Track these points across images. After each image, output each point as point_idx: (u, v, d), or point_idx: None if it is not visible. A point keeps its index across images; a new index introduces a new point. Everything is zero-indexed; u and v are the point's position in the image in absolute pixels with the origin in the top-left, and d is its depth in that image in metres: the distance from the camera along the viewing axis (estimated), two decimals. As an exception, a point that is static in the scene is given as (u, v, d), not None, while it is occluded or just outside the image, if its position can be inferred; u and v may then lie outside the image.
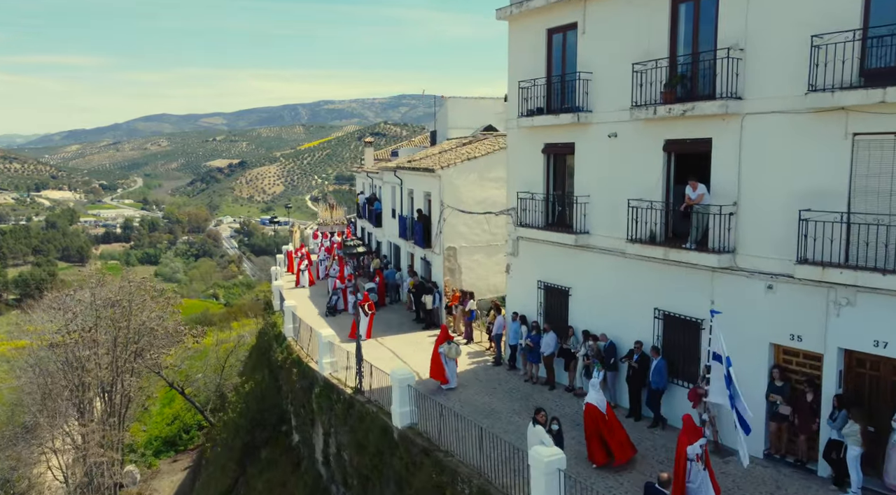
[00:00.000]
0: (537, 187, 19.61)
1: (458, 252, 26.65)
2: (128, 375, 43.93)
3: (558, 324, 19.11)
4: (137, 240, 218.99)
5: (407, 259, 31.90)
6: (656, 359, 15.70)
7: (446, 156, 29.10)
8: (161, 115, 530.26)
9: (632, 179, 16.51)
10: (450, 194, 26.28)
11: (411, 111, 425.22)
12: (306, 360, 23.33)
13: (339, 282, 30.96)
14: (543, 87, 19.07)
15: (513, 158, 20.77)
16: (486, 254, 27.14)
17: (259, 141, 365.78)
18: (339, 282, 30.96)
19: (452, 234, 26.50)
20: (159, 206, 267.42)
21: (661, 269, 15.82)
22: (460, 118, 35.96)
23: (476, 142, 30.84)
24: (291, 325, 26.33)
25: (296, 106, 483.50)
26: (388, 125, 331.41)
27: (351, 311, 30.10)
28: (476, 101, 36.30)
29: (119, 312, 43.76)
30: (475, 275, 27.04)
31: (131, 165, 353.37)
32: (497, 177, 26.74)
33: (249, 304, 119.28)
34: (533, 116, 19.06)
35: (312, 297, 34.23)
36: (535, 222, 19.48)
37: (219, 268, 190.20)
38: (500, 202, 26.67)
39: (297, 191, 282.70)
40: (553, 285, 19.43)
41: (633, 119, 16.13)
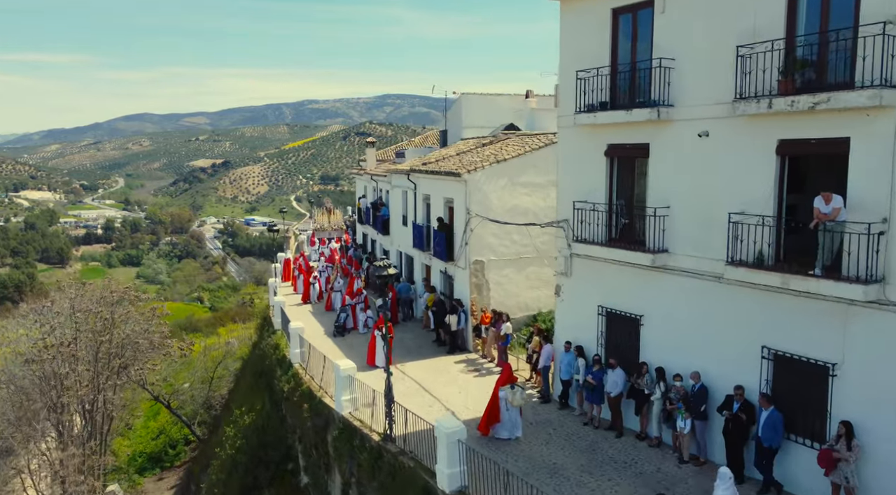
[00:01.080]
0: (597, 195, 16.54)
1: (485, 266, 23.54)
2: (110, 392, 40.56)
3: (625, 358, 16.07)
4: (119, 242, 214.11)
5: (421, 271, 28.73)
6: (767, 409, 12.67)
7: (469, 158, 25.98)
8: (143, 114, 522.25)
9: (729, 188, 13.49)
10: (477, 201, 23.17)
11: (396, 111, 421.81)
12: (319, 394, 20.10)
13: (347, 297, 27.75)
14: (607, 78, 16.01)
15: (566, 162, 17.68)
16: (517, 268, 24.07)
17: (243, 140, 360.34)
18: (347, 297, 27.75)
19: (480, 246, 23.39)
20: (141, 207, 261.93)
21: (773, 299, 12.80)
22: (475, 116, 32.86)
23: (498, 143, 27.76)
24: (299, 350, 23.09)
25: (279, 105, 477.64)
26: (373, 125, 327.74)
27: (361, 330, 26.93)
28: (492, 98, 33.20)
29: (101, 324, 40.50)
30: (504, 291, 23.95)
31: (112, 165, 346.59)
32: (528, 181, 23.74)
33: (236, 309, 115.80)
34: (595, 113, 15.99)
35: (316, 313, 30.97)
36: (595, 237, 16.41)
37: (203, 270, 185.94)
38: (531, 210, 23.68)
39: (282, 192, 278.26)
40: (619, 312, 16.36)
41: (733, 114, 13.09)
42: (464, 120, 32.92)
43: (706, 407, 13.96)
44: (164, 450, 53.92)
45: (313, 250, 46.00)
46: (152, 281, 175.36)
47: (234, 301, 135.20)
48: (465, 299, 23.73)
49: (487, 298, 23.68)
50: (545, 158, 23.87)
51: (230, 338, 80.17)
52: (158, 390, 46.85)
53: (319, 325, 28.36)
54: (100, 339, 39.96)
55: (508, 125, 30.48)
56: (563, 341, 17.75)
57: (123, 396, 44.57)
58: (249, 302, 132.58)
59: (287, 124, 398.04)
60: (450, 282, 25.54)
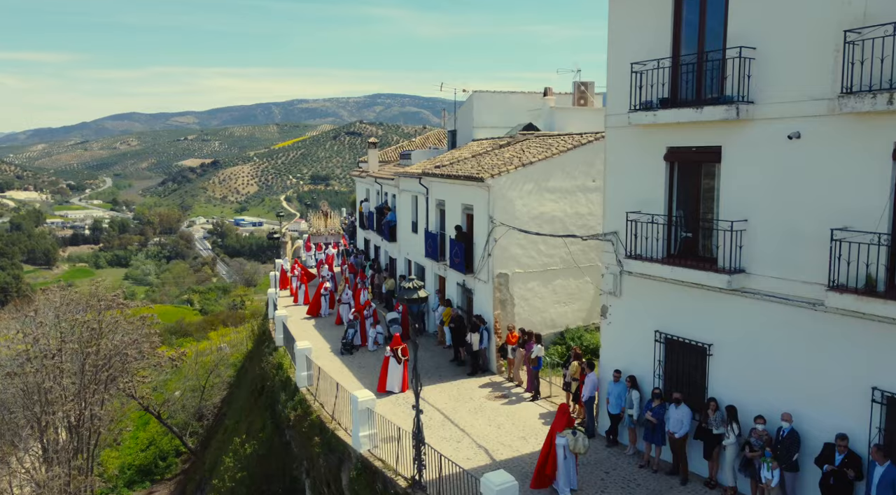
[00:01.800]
0: (653, 206, 14.40)
1: (510, 279, 21.36)
2: (97, 407, 38.19)
3: (688, 392, 13.94)
4: (107, 242, 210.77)
5: (434, 282, 26.53)
6: (883, 465, 10.57)
7: (487, 161, 23.80)
8: (131, 113, 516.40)
9: (828, 199, 11.37)
10: (501, 209, 20.99)
11: (386, 110, 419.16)
12: (331, 426, 17.85)
13: (355, 312, 25.51)
14: (668, 71, 13.87)
15: (616, 167, 15.52)
16: (543, 281, 21.92)
17: (232, 140, 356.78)
18: (355, 312, 25.51)
19: (504, 258, 21.21)
20: (129, 207, 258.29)
21: (887, 332, 10.72)
22: (488, 116, 30.71)
23: (516, 144, 25.63)
24: (306, 373, 20.82)
25: (269, 104, 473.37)
26: (363, 124, 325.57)
27: (371, 347, 24.71)
28: (505, 96, 31.06)
29: (88, 334, 38.18)
30: (530, 307, 21.79)
31: (100, 165, 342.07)
32: (556, 187, 21.61)
33: (227, 312, 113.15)
34: (654, 111, 13.83)
35: (319, 326, 28.71)
36: (651, 253, 14.28)
37: (192, 271, 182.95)
38: (558, 218, 21.58)
39: (272, 192, 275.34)
40: (682, 339, 14.21)
41: (837, 112, 10.98)
42: (475, 119, 30.75)
43: (799, 457, 11.85)
44: (155, 463, 51.73)
45: (309, 256, 43.71)
46: (141, 282, 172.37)
47: (224, 303, 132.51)
48: (487, 315, 21.56)
49: (512, 315, 21.51)
50: (573, 161, 21.80)
51: (222, 342, 77.82)
52: (148, 400, 44.60)
53: (325, 341, 26.11)
54: (86, 350, 37.74)
55: (527, 125, 28.32)
56: (611, 369, 15.60)
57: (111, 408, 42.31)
58: (240, 304, 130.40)
59: (277, 124, 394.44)
60: (468, 295, 23.35)
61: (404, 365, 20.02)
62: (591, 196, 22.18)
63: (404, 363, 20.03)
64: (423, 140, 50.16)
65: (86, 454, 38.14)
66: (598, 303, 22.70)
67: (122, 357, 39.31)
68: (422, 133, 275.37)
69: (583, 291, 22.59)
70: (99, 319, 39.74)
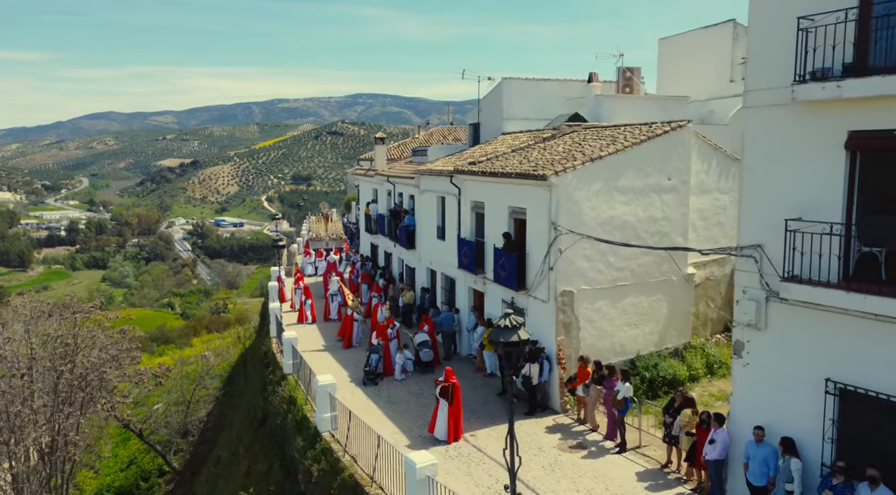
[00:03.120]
0: (821, 211, 10.61)
1: (575, 298, 17.50)
2: (72, 433, 33.87)
3: (884, 466, 10.14)
4: (84, 243, 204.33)
5: (468, 297, 22.60)
6: None
7: (537, 155, 19.90)
8: (107, 112, 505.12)
9: None
10: (567, 212, 17.13)
11: (367, 110, 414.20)
12: (373, 492, 13.82)
13: (377, 334, 21.51)
14: (853, 26, 10.09)
15: (762, 158, 11.66)
16: (612, 299, 18.08)
17: (212, 140, 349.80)
18: (377, 334, 21.51)
19: (569, 272, 17.34)
20: (107, 208, 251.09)
21: None
22: (520, 106, 26.89)
23: (563, 136, 21.82)
24: (329, 414, 16.77)
25: (249, 104, 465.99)
26: (345, 124, 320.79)
27: (398, 377, 20.72)
28: (538, 83, 27.24)
29: (61, 350, 33.94)
30: (597, 330, 17.94)
31: (76, 165, 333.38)
32: (627, 186, 17.82)
33: (210, 317, 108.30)
34: (836, 81, 10.04)
35: (332, 348, 24.66)
36: (820, 274, 10.48)
37: (172, 273, 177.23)
38: (629, 223, 17.85)
39: (253, 192, 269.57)
40: (871, 392, 10.40)
41: None
42: (505, 110, 26.88)
43: None
44: (136, 483, 47.59)
45: (308, 262, 39.55)
46: (119, 284, 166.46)
47: (206, 307, 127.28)
48: (547, 341, 17.67)
49: (576, 340, 17.66)
50: (647, 156, 18.05)
51: (206, 350, 73.24)
52: (128, 416, 40.31)
53: (339, 366, 22.07)
54: (60, 369, 33.44)
55: (572, 116, 24.47)
56: (749, 425, 11.77)
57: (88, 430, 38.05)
58: (223, 308, 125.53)
59: (257, 123, 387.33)
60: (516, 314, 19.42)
61: (456, 405, 16.05)
62: (666, 197, 18.46)
63: (456, 401, 16.06)
64: (427, 136, 46.29)
65: (60, 480, 33.95)
66: (672, 323, 19.00)
67: (100, 375, 35.08)
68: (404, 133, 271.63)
69: (655, 311, 18.80)
70: (74, 333, 35.47)
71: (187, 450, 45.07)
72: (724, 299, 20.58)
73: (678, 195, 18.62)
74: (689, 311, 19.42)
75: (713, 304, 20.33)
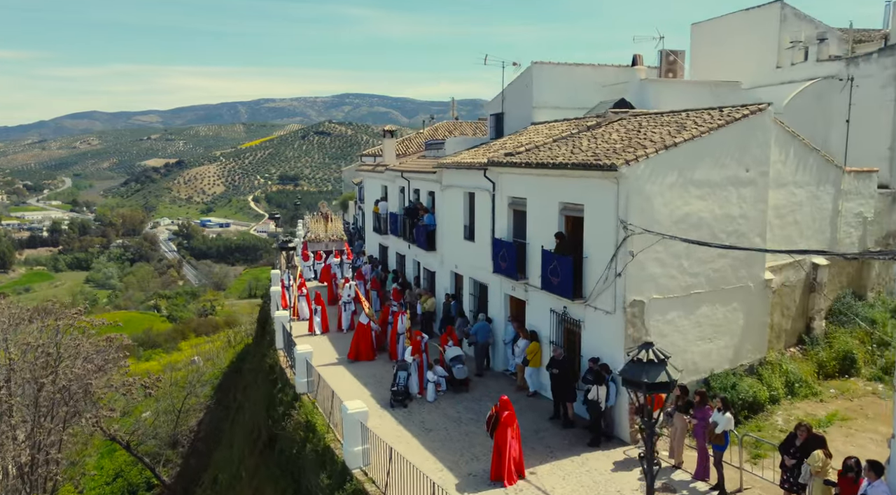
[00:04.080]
0: None
1: (646, 309, 14.94)
2: (54, 451, 31.08)
3: None
4: (66, 244, 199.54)
5: (503, 305, 19.95)
6: None
7: (588, 144, 17.31)
8: (91, 112, 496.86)
9: None
10: (638, 208, 14.58)
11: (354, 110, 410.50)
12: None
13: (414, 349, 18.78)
14: None
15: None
16: (685, 309, 15.53)
17: (197, 140, 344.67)
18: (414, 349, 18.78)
19: (640, 279, 14.76)
20: (90, 208, 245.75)
21: None
22: (551, 93, 24.32)
23: (610, 124, 19.28)
24: (360, 448, 14.07)
25: (235, 103, 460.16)
26: (332, 124, 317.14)
27: (430, 398, 18.06)
28: (570, 69, 24.65)
29: (43, 360, 31.21)
30: (669, 346, 15.24)
31: (59, 165, 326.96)
32: (703, 179, 15.34)
33: (197, 319, 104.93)
34: None
35: (343, 359, 21.95)
36: None
37: (157, 274, 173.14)
38: (705, 222, 15.43)
39: (240, 192, 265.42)
40: None
41: None
42: (535, 98, 24.27)
43: None
44: (123, 498, 44.34)
45: (306, 266, 36.64)
46: (103, 285, 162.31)
47: (193, 309, 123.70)
48: (611, 358, 15.09)
49: (647, 358, 15.08)
50: (723, 144, 15.53)
51: (195, 354, 70.21)
52: (115, 430, 37.60)
53: (359, 384, 19.41)
54: (41, 381, 30.69)
55: (618, 102, 21.89)
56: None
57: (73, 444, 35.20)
58: (211, 309, 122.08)
59: (243, 123, 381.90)
60: (571, 328, 16.83)
61: (514, 436, 13.39)
62: (744, 191, 15.96)
63: (514, 433, 13.40)
64: (431, 131, 43.67)
65: (40, 498, 31.20)
66: (747, 336, 16.50)
67: (85, 386, 32.27)
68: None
69: (730, 322, 16.28)
70: (56, 341, 32.66)
71: (177, 463, 42.27)
72: (799, 308, 18.14)
73: (756, 189, 16.12)
74: (765, 322, 16.93)
75: (788, 313, 17.87)
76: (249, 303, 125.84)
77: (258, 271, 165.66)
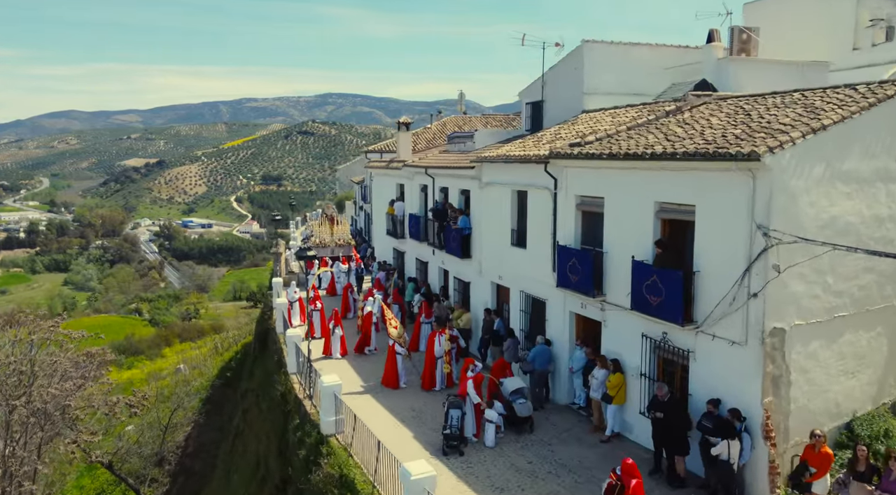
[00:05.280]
0: None
1: (786, 339, 11.56)
2: (28, 483, 27.38)
3: None
4: (44, 246, 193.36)
5: (567, 325, 16.50)
6: None
7: (678, 129, 13.90)
8: (69, 111, 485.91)
9: None
10: (780, 208, 11.20)
11: (338, 110, 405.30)
12: None
13: (476, 382, 15.15)
14: None
15: None
16: (827, 337, 12.16)
17: (178, 139, 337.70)
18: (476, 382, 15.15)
19: (780, 301, 11.37)
20: (69, 208, 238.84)
21: None
22: (605, 77, 20.89)
23: (693, 108, 15.90)
24: (427, 527, 10.56)
25: (216, 103, 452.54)
26: (316, 124, 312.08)
27: (489, 443, 14.53)
28: (626, 49, 21.23)
29: (14, 379, 27.58)
30: (809, 385, 11.98)
31: (36, 164, 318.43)
32: (851, 171, 12.04)
33: (181, 324, 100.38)
34: None
35: (370, 386, 18.38)
36: None
37: (138, 276, 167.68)
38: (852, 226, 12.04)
39: (222, 192, 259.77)
40: None
41: None
42: (587, 82, 20.82)
43: None
44: (104, 522, 40.48)
45: (311, 274, 32.94)
46: (82, 288, 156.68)
47: (176, 312, 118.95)
48: (742, 402, 11.68)
49: (787, 400, 11.72)
50: (874, 129, 12.19)
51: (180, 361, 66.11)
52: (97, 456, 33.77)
53: (398, 423, 15.86)
54: (13, 403, 27.00)
55: (699, 83, 18.48)
56: None
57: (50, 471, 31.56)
58: (195, 313, 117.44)
59: (225, 123, 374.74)
60: (674, 359, 13.39)
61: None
62: (893, 187, 12.61)
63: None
64: (440, 126, 40.18)
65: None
66: (890, 368, 13.17)
67: (63, 408, 28.54)
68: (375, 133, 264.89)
69: (874, 351, 12.94)
70: (31, 358, 28.93)
71: (164, 481, 38.51)
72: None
73: (909, 185, 12.81)
74: (907, 350, 13.63)
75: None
76: (234, 305, 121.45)
77: (242, 273, 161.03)
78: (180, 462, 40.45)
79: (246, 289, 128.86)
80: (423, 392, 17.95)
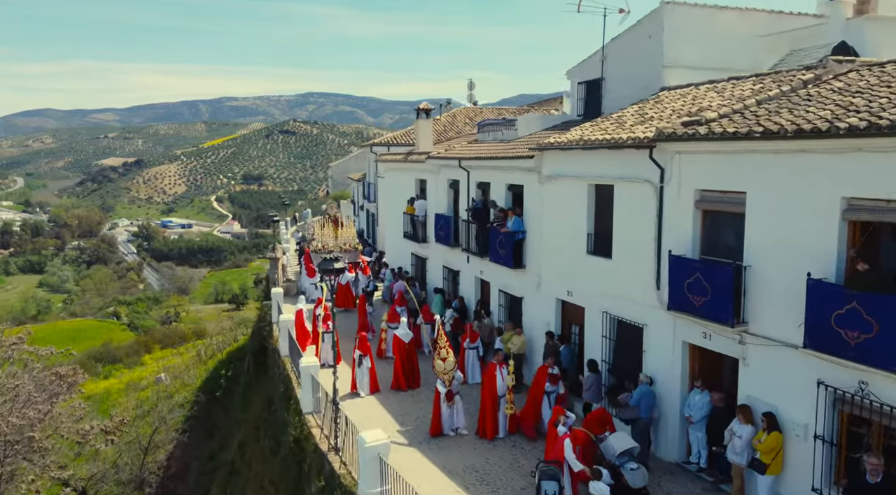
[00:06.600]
0: None
1: None
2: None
3: None
4: (18, 247, 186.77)
5: (678, 358, 12.53)
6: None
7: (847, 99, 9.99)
8: (44, 109, 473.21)
9: None
10: None
11: (319, 109, 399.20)
12: None
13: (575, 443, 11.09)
14: None
15: None
16: None
17: (157, 138, 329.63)
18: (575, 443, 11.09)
19: None
20: (44, 209, 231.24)
21: None
22: (687, 48, 16.97)
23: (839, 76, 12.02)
24: None
25: (196, 102, 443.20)
26: (297, 123, 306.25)
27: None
28: (712, 13, 17.34)
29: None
30: None
31: (10, 164, 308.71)
32: None
33: (162, 329, 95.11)
34: None
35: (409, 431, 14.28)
36: None
37: (116, 277, 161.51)
38: None
39: (202, 192, 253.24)
40: None
41: None
42: (667, 53, 16.87)
43: None
44: (79, 552, 35.58)
45: (312, 283, 28.57)
46: (57, 290, 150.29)
47: (156, 316, 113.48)
48: None
49: None
50: None
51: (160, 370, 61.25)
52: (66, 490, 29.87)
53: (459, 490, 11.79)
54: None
55: (838, 45, 14.56)
56: None
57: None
58: (175, 316, 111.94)
59: (204, 122, 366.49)
60: (875, 418, 9.46)
61: None
62: None
63: None
64: (450, 117, 36.19)
65: None
66: None
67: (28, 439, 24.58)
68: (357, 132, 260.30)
69: None
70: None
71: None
72: None
73: None
74: None
75: None
76: (216, 308, 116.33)
77: (223, 274, 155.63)
78: (162, 484, 36.14)
79: (228, 292, 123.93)
80: (483, 442, 13.89)
